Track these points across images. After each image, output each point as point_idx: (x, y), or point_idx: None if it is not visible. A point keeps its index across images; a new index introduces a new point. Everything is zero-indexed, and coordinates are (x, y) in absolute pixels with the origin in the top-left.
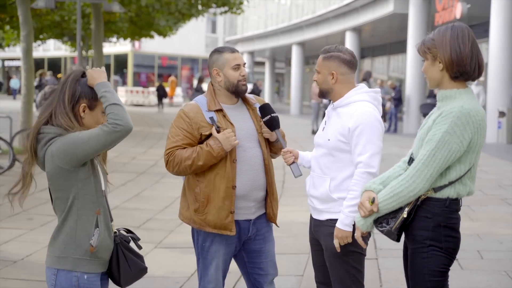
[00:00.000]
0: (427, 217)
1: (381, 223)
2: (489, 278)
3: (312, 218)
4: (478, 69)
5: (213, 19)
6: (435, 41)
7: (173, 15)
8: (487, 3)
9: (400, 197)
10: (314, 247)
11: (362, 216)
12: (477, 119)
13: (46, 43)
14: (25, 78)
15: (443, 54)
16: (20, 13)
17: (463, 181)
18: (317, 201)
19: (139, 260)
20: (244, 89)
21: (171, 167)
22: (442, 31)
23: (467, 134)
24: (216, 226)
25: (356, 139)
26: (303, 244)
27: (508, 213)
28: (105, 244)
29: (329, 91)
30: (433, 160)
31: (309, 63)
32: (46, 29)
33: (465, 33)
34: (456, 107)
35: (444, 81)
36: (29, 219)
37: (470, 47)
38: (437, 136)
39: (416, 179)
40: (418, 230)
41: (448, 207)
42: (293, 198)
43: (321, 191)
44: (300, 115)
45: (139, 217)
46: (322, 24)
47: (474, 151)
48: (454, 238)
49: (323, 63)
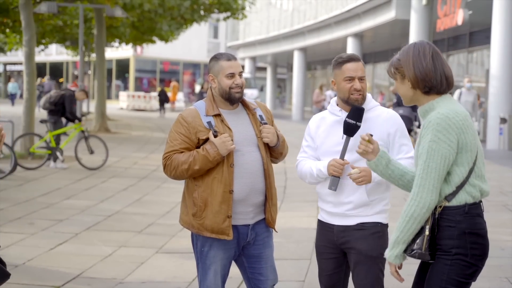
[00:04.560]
0: (450, 226)
1: (411, 250)
2: (490, 285)
3: (330, 226)
4: (446, 81)
5: (215, 24)
6: (401, 60)
7: (176, 20)
8: (489, 10)
9: (416, 217)
10: (326, 255)
11: (363, 149)
12: (458, 120)
13: (48, 48)
14: (27, 83)
15: (408, 72)
16: (23, 17)
17: (471, 183)
18: (349, 207)
19: (3, 267)
20: (237, 96)
21: (169, 171)
22: (406, 50)
23: (452, 137)
24: (213, 230)
25: (400, 140)
26: (305, 250)
27: (510, 220)
28: None
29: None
30: (429, 171)
31: (310, 69)
32: (49, 34)
33: (426, 48)
34: (432, 115)
35: (418, 97)
36: (30, 224)
37: (431, 61)
38: (425, 148)
39: (422, 194)
40: (443, 240)
41: (468, 213)
42: (294, 203)
43: (357, 196)
44: (301, 120)
45: (140, 222)
46: (324, 29)
47: (467, 151)
48: (480, 244)
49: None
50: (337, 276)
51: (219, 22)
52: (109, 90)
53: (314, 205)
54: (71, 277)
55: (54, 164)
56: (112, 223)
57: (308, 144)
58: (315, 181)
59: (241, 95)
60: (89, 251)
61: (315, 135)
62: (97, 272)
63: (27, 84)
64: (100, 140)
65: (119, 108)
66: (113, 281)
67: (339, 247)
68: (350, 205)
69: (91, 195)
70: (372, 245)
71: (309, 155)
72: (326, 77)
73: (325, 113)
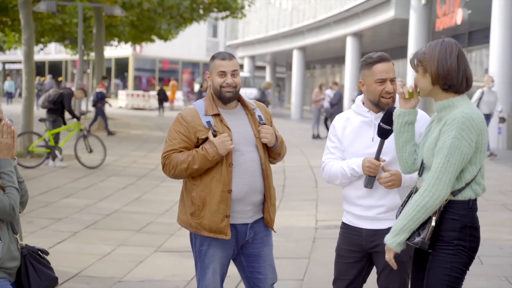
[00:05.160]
0: (454, 219)
1: (413, 238)
2: (489, 284)
3: (358, 229)
4: (466, 82)
5: (214, 23)
6: (426, 55)
7: (175, 19)
8: (488, 9)
9: (427, 208)
10: (348, 259)
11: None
12: (478, 121)
13: (47, 47)
14: (26, 81)
15: (431, 68)
16: (22, 16)
17: (477, 181)
18: (381, 210)
19: (49, 271)
20: (227, 96)
21: (168, 170)
22: (432, 46)
23: (473, 136)
24: (211, 229)
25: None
26: (304, 249)
27: (508, 219)
28: (11, 256)
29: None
30: (448, 166)
31: (309, 68)
32: (48, 33)
33: (453, 47)
34: (458, 113)
35: (436, 92)
36: (29, 222)
37: (456, 61)
38: (447, 143)
39: (438, 187)
40: (446, 232)
41: (471, 208)
42: (293, 203)
43: (390, 199)
44: (300, 119)
45: (139, 221)
46: (323, 29)
47: (481, 151)
48: (476, 237)
49: None
50: (356, 282)
51: (218, 21)
52: (108, 89)
53: (313, 204)
54: (70, 276)
55: (53, 162)
56: (111, 222)
57: (335, 146)
58: (347, 181)
59: (232, 95)
60: (88, 249)
61: (342, 136)
62: (96, 270)
63: (26, 82)
64: (98, 139)
65: (118, 107)
66: (112, 280)
67: (365, 251)
68: (382, 208)
69: (90, 194)
70: (403, 250)
71: (337, 157)
72: (325, 76)
73: (349, 112)
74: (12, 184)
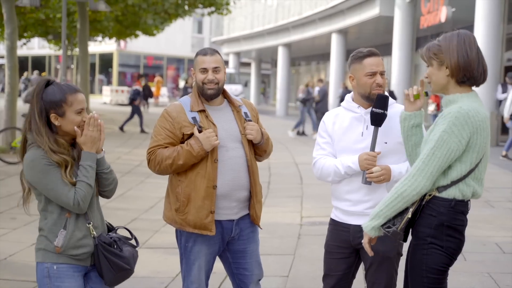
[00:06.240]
0: (432, 215)
1: (388, 226)
2: (472, 280)
3: (346, 225)
4: (484, 74)
5: (199, 19)
6: (442, 47)
7: (159, 15)
8: (472, 7)
9: (404, 197)
10: (337, 255)
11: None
12: (476, 119)
13: (30, 42)
14: (9, 77)
15: (450, 60)
16: (5, 10)
17: (466, 182)
18: (368, 205)
19: (121, 262)
20: (209, 93)
21: (153, 166)
22: (448, 37)
23: (465, 133)
24: (196, 226)
25: None
26: (288, 245)
27: (491, 215)
28: (77, 244)
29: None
30: (433, 159)
31: (295, 65)
32: (31, 27)
33: (471, 39)
34: (454, 108)
35: (449, 86)
36: (12, 219)
37: (476, 52)
38: (436, 135)
39: (418, 177)
40: (421, 227)
41: (453, 207)
42: (278, 199)
43: (378, 194)
44: (285, 116)
45: (124, 217)
46: (308, 26)
47: (474, 151)
48: (456, 239)
49: None
50: (346, 277)
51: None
52: (92, 84)
53: (298, 200)
54: None
55: None
56: None
57: (326, 141)
58: (340, 179)
59: (214, 92)
60: None
61: (332, 132)
62: None
63: (8, 78)
64: None
65: (102, 103)
66: None
67: (353, 247)
68: (370, 203)
69: None
70: (390, 246)
71: (328, 152)
72: (310, 73)
73: (339, 109)
74: (85, 180)
